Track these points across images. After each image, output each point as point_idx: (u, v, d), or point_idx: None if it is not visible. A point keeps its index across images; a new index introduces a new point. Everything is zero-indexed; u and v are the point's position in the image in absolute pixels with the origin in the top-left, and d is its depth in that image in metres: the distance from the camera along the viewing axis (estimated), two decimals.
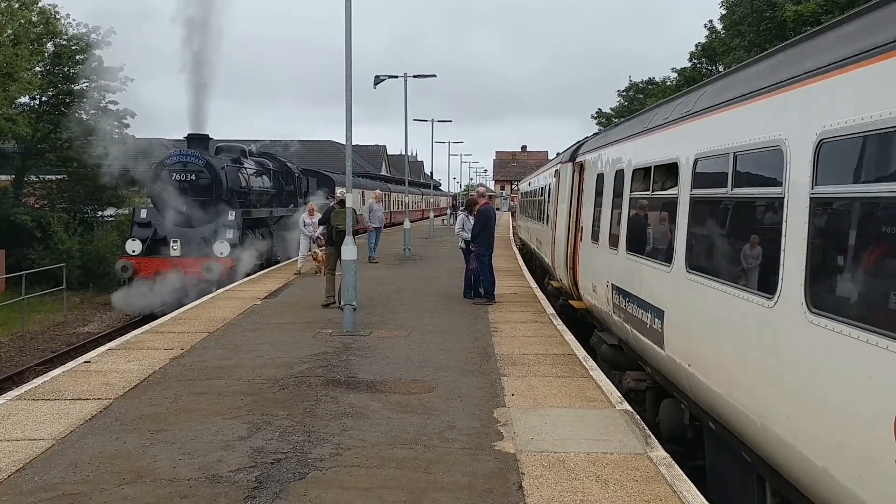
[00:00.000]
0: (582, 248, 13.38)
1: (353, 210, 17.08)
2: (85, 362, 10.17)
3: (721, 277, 6.33)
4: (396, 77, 31.25)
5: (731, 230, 6.44)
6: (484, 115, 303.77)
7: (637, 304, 9.04)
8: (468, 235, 16.17)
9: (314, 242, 20.88)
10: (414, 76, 32.28)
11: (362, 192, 39.89)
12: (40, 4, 29.84)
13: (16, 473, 6.13)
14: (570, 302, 14.60)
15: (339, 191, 16.60)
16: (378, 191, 30.82)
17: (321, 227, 21.24)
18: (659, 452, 6.69)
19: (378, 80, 30.53)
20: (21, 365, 16.31)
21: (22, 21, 27.81)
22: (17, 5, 28.06)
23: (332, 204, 15.00)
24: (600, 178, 12.20)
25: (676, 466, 6.42)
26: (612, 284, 10.46)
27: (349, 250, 12.51)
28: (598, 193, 12.22)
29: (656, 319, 8.10)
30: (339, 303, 13.34)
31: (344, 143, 13.35)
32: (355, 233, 13.33)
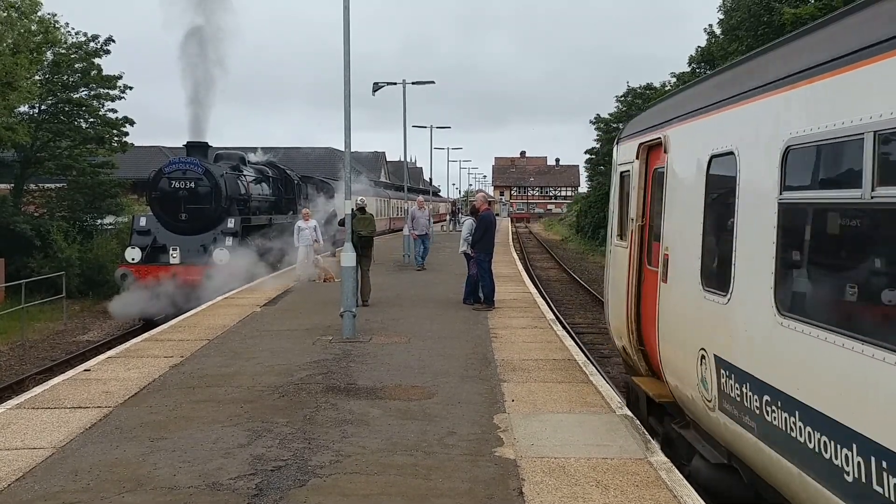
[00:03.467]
0: None
1: (373, 216, 17.19)
2: (85, 370, 10.17)
3: None
4: (395, 84, 31.29)
5: None
6: (485, 120, 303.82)
7: None
8: None
9: (309, 247, 20.85)
10: (413, 83, 32.33)
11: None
12: (40, 13, 29.88)
13: (16, 482, 6.13)
14: None
15: (358, 198, 16.62)
16: (421, 197, 30.53)
17: (320, 233, 21.35)
18: (659, 457, 6.69)
19: (377, 86, 30.56)
20: (21, 373, 16.29)
21: (21, 30, 27.83)
22: (16, 14, 28.09)
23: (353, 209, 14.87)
24: None
25: (676, 471, 6.41)
26: None
27: (347, 257, 12.51)
28: None
29: None
30: (360, 301, 14.63)
31: (343, 149, 13.36)
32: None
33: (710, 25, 40.04)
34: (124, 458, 6.62)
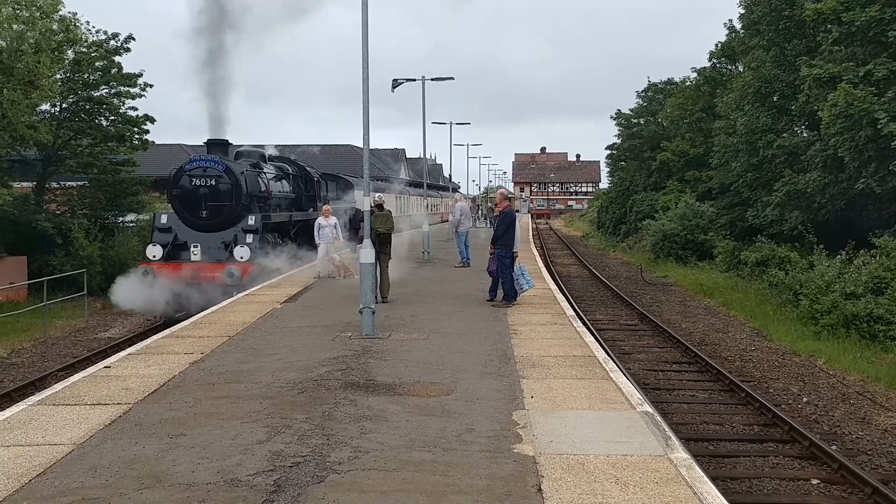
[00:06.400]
0: None
1: (390, 212, 17.25)
2: (105, 367, 10.21)
3: None
4: (414, 80, 31.28)
5: None
6: (506, 117, 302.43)
7: None
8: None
9: (330, 245, 20.85)
10: (432, 79, 32.31)
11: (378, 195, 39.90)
12: (61, 13, 30.09)
13: (36, 478, 6.16)
14: None
15: (376, 195, 16.75)
16: (457, 194, 30.26)
17: (340, 231, 21.36)
18: (679, 454, 6.64)
19: (396, 83, 30.59)
20: (43, 370, 16.41)
21: (43, 29, 28.03)
22: (38, 14, 28.30)
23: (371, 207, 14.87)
24: None
25: (697, 468, 6.37)
26: None
27: (366, 254, 12.51)
28: None
29: None
30: (380, 298, 14.90)
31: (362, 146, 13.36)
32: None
33: (731, 20, 39.83)
34: (143, 455, 6.64)
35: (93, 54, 32.21)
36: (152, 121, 34.02)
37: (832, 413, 13.00)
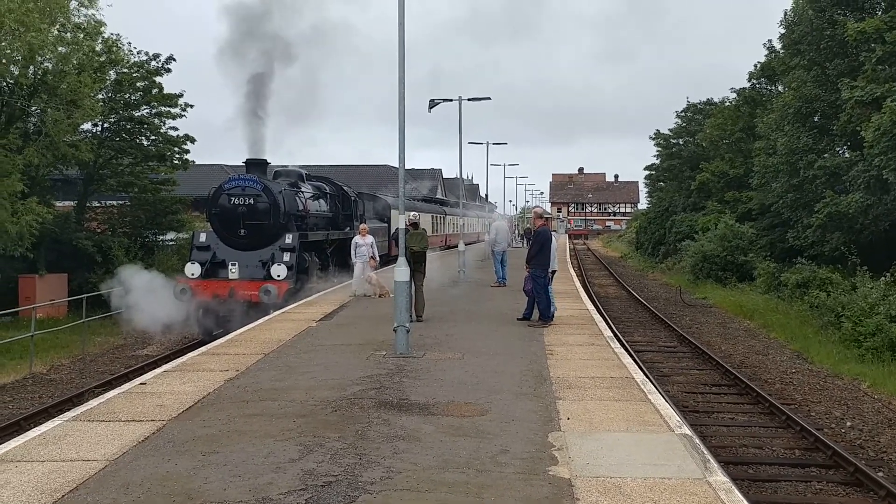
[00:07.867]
0: None
1: (425, 231, 17.31)
2: (140, 384, 10.23)
3: None
4: (451, 101, 31.28)
5: None
6: (543, 136, 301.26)
7: None
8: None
9: (366, 263, 20.85)
10: (468, 99, 32.29)
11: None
12: (104, 35, 30.59)
13: (69, 493, 6.15)
14: None
15: (411, 214, 16.76)
16: (495, 213, 30.29)
17: (377, 250, 21.38)
18: (718, 477, 6.48)
19: (433, 103, 30.63)
20: (81, 387, 16.54)
21: (86, 50, 28.49)
22: (81, 35, 28.78)
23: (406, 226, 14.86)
24: None
25: (736, 492, 6.21)
26: None
27: (401, 272, 12.45)
28: None
29: None
30: (415, 317, 15.07)
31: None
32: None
33: (770, 40, 39.55)
34: (175, 472, 6.61)
35: (134, 75, 32.70)
36: (192, 140, 34.40)
37: (878, 438, 12.69)
